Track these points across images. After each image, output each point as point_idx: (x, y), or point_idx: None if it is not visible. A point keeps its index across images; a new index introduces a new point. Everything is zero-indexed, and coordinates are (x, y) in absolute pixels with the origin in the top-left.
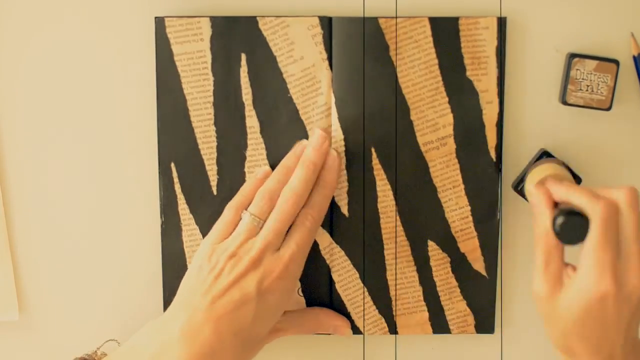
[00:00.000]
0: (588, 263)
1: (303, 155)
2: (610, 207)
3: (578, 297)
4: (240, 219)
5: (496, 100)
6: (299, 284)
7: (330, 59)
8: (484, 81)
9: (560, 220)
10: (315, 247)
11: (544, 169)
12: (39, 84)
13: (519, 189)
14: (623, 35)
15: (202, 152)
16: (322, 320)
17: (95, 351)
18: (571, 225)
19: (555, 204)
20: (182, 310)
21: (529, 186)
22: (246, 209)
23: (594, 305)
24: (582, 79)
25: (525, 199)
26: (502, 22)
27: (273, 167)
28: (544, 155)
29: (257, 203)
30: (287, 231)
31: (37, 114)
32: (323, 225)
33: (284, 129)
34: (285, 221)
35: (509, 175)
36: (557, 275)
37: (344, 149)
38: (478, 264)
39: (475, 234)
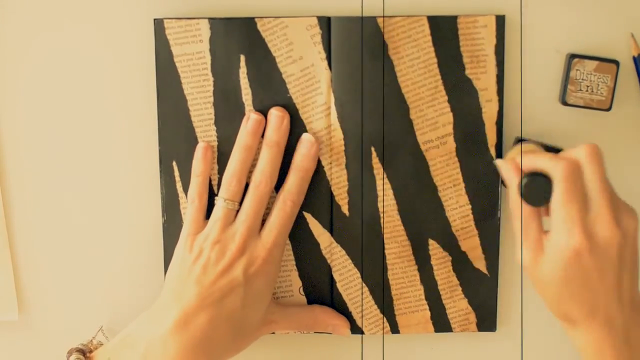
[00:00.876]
0: (557, 222)
1: (265, 138)
2: (571, 164)
3: (555, 257)
4: (207, 202)
5: (496, 99)
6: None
7: (329, 58)
8: (483, 79)
9: (524, 182)
10: (316, 247)
11: (517, 149)
12: (41, 86)
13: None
14: (623, 35)
15: None
16: (320, 318)
17: (91, 340)
18: (535, 186)
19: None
20: (174, 301)
21: (499, 161)
22: (216, 195)
23: (571, 262)
24: (582, 79)
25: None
26: (500, 21)
27: None
28: (518, 141)
29: (227, 187)
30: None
31: (38, 116)
32: (323, 225)
33: None
34: (261, 203)
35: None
36: (537, 241)
37: (343, 148)
38: (479, 262)
39: (476, 232)
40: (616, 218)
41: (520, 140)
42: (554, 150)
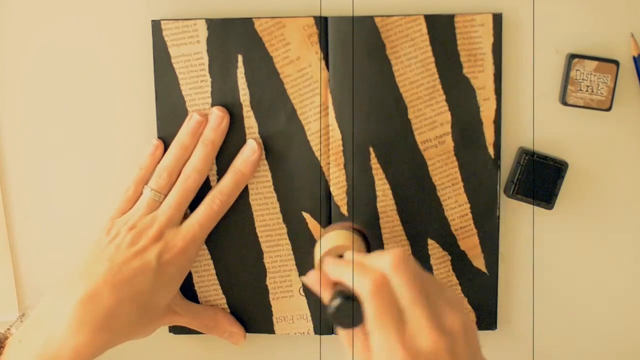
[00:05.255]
0: (377, 345)
1: (202, 135)
2: (377, 279)
3: None
4: (141, 194)
5: (493, 97)
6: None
7: (326, 59)
8: (480, 78)
9: (333, 307)
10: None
11: (330, 238)
12: (39, 89)
13: (512, 193)
14: (623, 35)
15: None
16: (221, 322)
17: (9, 328)
18: (346, 309)
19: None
20: (83, 278)
21: (304, 278)
22: (147, 184)
23: None
24: (582, 79)
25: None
26: (497, 19)
27: (271, 166)
28: (524, 154)
29: (156, 179)
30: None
31: (37, 119)
32: (322, 225)
33: (282, 129)
34: (186, 197)
35: (507, 172)
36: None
37: (342, 148)
38: (478, 261)
39: (475, 231)
40: (436, 323)
41: (523, 152)
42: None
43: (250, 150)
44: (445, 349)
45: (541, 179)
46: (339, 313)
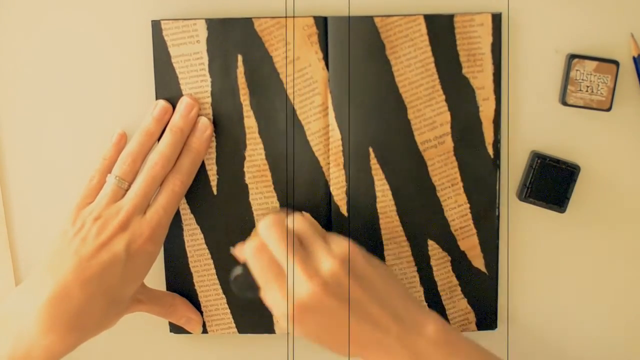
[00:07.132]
0: (268, 303)
1: (171, 122)
2: (255, 245)
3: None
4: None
5: (492, 97)
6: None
7: (326, 59)
8: (479, 78)
9: (232, 276)
10: None
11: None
12: (38, 89)
13: (524, 197)
14: (623, 36)
15: None
16: (179, 308)
17: None
18: (240, 281)
19: None
20: (50, 275)
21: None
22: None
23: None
24: (582, 79)
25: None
26: (497, 19)
27: (271, 166)
28: (537, 158)
29: (120, 166)
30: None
31: (37, 118)
32: (322, 225)
33: (282, 129)
34: (153, 184)
35: (509, 173)
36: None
37: (341, 148)
38: (478, 261)
39: (474, 231)
40: (310, 269)
41: (535, 155)
42: None
43: (203, 127)
44: (323, 292)
45: (553, 182)
46: (236, 283)
